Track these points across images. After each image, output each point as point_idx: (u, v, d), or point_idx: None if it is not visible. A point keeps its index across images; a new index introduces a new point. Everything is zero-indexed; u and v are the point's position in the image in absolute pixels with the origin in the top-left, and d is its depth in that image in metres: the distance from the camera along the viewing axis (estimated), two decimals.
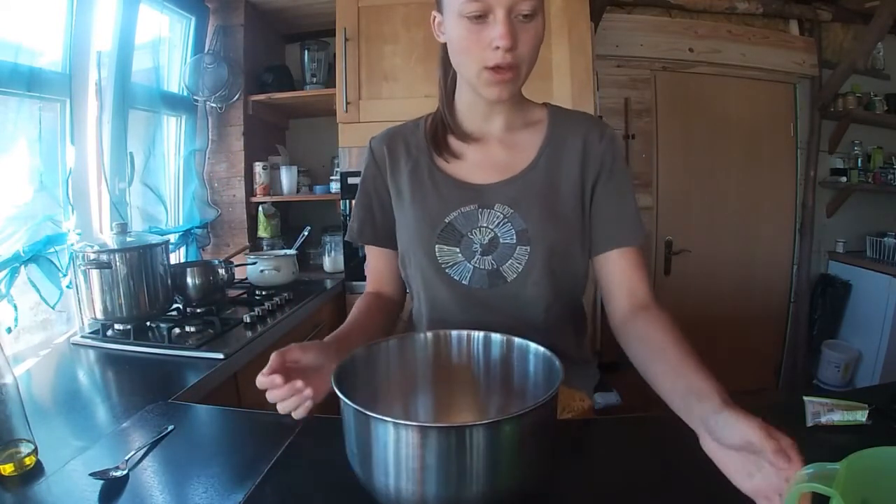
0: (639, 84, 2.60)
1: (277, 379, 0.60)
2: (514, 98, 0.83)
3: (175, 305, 1.50)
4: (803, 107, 2.80)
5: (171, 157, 2.10)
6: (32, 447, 0.70)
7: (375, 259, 0.93)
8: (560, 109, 0.89)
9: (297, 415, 0.62)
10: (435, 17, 0.80)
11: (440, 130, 0.86)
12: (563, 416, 0.85)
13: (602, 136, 0.84)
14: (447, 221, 0.82)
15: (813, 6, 2.67)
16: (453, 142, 0.86)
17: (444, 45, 0.82)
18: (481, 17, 0.71)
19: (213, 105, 2.13)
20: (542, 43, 0.76)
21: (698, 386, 0.59)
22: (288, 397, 0.61)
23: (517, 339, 0.67)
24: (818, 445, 0.68)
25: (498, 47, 0.70)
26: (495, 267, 0.81)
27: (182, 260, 2.04)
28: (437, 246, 0.82)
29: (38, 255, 1.35)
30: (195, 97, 2.11)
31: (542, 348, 0.64)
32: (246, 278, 1.91)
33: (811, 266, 2.86)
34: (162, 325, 1.35)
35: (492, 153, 0.85)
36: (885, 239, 2.65)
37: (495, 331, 0.69)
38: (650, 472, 0.64)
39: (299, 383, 0.61)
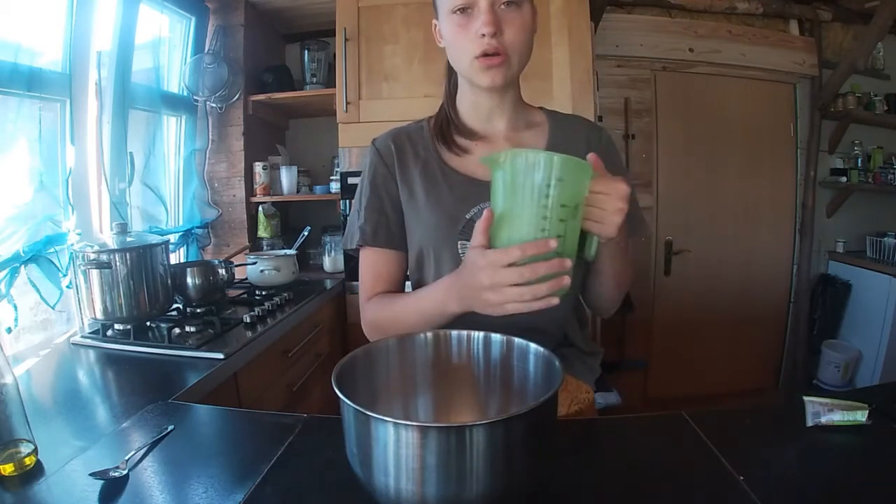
0: (639, 84, 2.60)
1: (553, 242, 0.57)
2: (513, 93, 0.86)
3: (175, 305, 1.50)
4: (803, 107, 2.79)
5: (171, 157, 2.10)
6: (32, 447, 0.70)
7: (384, 263, 0.88)
8: (556, 113, 0.92)
9: (541, 302, 0.59)
10: (435, 24, 0.84)
11: (445, 127, 0.88)
12: (570, 408, 0.86)
13: (601, 138, 0.89)
14: (468, 217, 0.82)
15: (813, 6, 2.67)
16: (460, 139, 0.88)
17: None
18: (467, 10, 0.76)
19: (213, 105, 2.13)
20: (532, 31, 0.80)
21: None
22: (551, 273, 0.58)
23: (517, 339, 0.67)
24: (818, 445, 0.68)
25: (483, 35, 0.74)
26: None
27: (182, 260, 2.04)
28: (459, 243, 0.83)
29: (38, 255, 1.35)
30: (195, 97, 2.11)
31: (541, 348, 0.63)
32: (246, 278, 1.91)
33: (811, 266, 2.86)
34: (162, 325, 1.34)
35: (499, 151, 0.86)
36: (885, 239, 2.65)
37: (504, 332, 0.69)
38: (650, 472, 0.64)
39: (569, 262, 0.59)
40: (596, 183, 0.63)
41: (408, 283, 0.92)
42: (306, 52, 2.32)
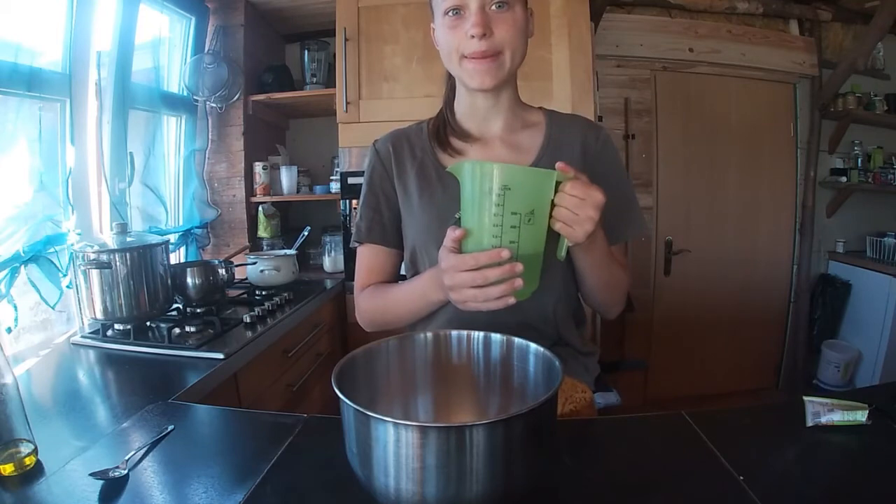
0: (639, 84, 2.60)
1: (505, 253, 0.61)
2: (509, 94, 0.87)
3: (175, 305, 1.50)
4: (803, 107, 2.79)
5: (171, 157, 2.09)
6: (32, 447, 0.70)
7: (377, 259, 0.93)
8: (556, 112, 0.93)
9: (497, 303, 0.63)
10: (432, 27, 0.85)
11: (442, 128, 0.89)
12: (565, 407, 0.86)
13: (598, 137, 0.89)
14: (458, 217, 0.83)
15: (813, 6, 2.67)
16: (455, 141, 0.88)
17: None
18: (458, 12, 0.77)
19: (213, 105, 2.13)
20: (526, 31, 0.80)
21: None
22: (503, 279, 0.62)
23: (517, 339, 0.67)
24: (818, 445, 0.68)
25: (473, 36, 0.75)
26: None
27: (182, 260, 2.04)
28: None
29: (38, 255, 1.35)
30: (195, 97, 2.10)
31: (541, 348, 0.63)
32: (246, 278, 1.91)
33: (811, 266, 2.86)
34: (162, 325, 1.34)
35: (494, 152, 0.87)
36: (885, 239, 2.65)
37: (499, 329, 0.69)
38: (649, 472, 0.64)
39: (519, 266, 0.62)
40: (573, 186, 0.64)
41: None
42: (306, 52, 2.32)
